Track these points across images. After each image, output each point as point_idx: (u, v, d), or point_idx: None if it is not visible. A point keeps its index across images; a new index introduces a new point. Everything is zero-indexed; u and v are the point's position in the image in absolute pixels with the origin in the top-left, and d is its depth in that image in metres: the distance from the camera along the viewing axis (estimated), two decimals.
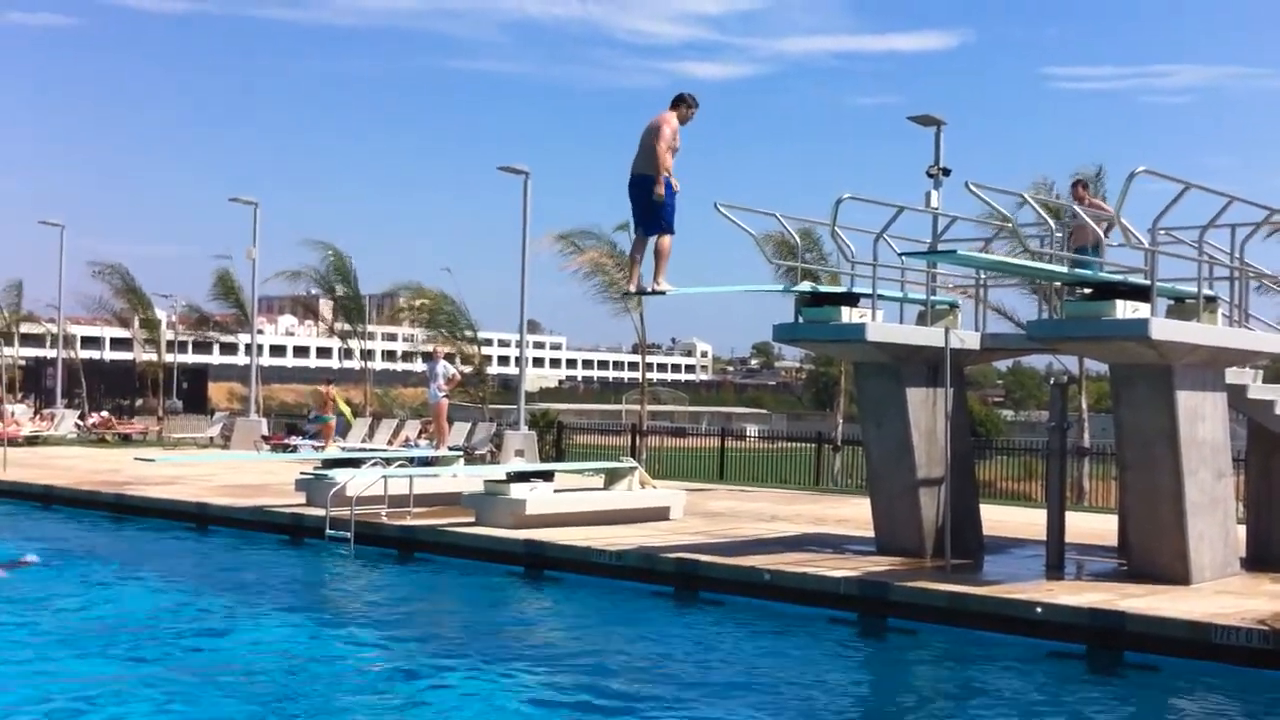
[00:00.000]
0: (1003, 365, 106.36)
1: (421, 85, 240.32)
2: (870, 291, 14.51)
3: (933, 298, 15.55)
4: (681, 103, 13.30)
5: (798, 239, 17.00)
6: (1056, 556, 14.36)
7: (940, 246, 14.81)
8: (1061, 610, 11.64)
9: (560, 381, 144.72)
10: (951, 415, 14.46)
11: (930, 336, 14.71)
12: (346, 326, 42.25)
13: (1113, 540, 15.57)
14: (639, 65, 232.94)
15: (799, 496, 23.55)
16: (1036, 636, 11.59)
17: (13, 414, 34.96)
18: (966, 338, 15.30)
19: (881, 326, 14.58)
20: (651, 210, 13.17)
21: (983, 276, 16.51)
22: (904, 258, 14.91)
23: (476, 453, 27.27)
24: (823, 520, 18.84)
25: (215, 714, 9.19)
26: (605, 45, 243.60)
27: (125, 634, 11.74)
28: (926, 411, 14.99)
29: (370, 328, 43.94)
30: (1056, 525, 14.49)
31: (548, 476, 17.94)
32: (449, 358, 28.22)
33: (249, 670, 10.56)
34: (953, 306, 15.96)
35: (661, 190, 13.00)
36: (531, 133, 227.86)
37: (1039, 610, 11.69)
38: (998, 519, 18.03)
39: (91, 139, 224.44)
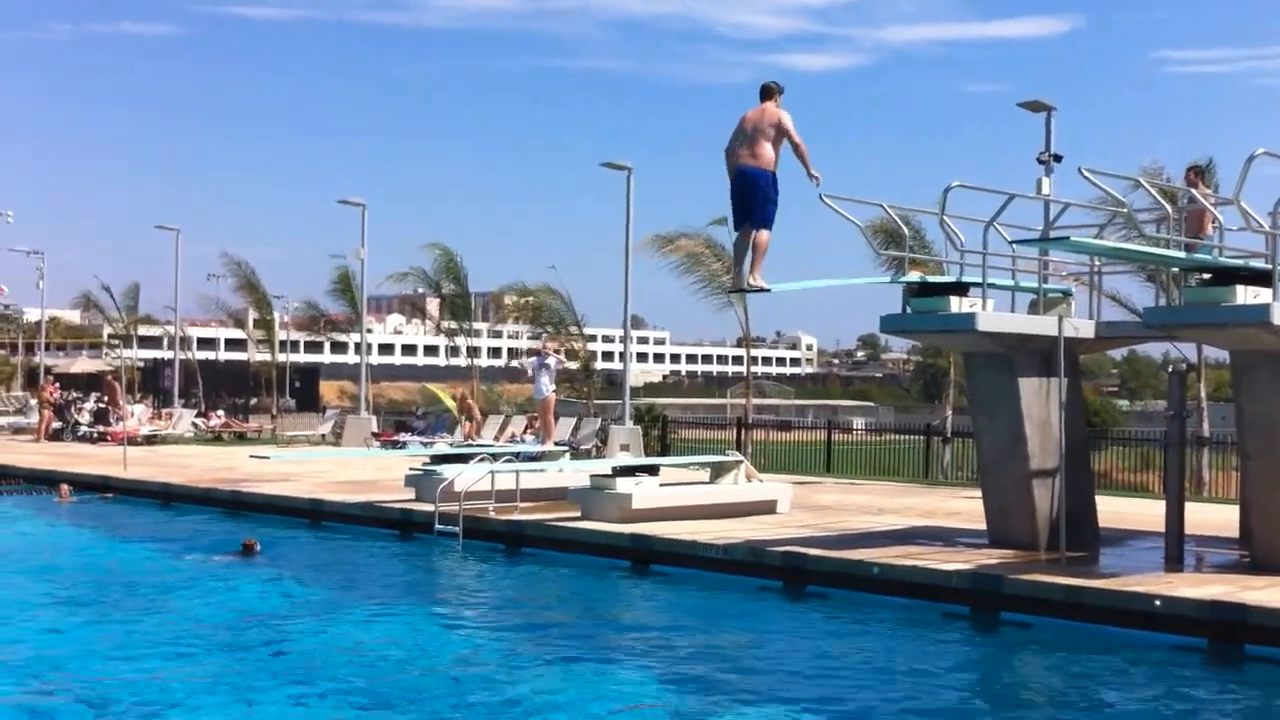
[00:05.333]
0: (1118, 354, 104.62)
1: (524, 85, 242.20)
2: (980, 280, 14.26)
3: (1045, 285, 15.24)
4: (779, 92, 13.12)
5: (905, 229, 16.78)
6: (1176, 548, 14.00)
7: (1052, 233, 14.51)
8: (1181, 603, 11.35)
9: (664, 376, 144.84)
10: (1066, 405, 14.17)
11: (1043, 325, 14.42)
12: (454, 324, 42.66)
13: (1234, 532, 15.13)
14: (741, 59, 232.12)
15: (908, 489, 23.28)
16: (1156, 630, 11.32)
17: (132, 413, 35.84)
18: (1081, 326, 14.98)
19: (992, 316, 14.33)
20: (760, 206, 12.97)
21: (1097, 264, 16.14)
22: (1015, 246, 14.64)
23: (582, 448, 27.35)
24: (933, 513, 18.60)
25: (328, 704, 9.32)
26: (706, 40, 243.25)
27: (241, 625, 11.97)
28: (1040, 402, 14.71)
29: (476, 325, 44.33)
30: (1175, 516, 14.13)
31: (653, 471, 17.92)
32: (556, 354, 28.34)
33: (362, 662, 10.70)
34: (1066, 295, 15.64)
35: (820, 178, 12.90)
36: (633, 130, 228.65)
37: (1158, 603, 11.41)
38: (1114, 511, 17.66)
39: (203, 145, 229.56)
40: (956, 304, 14.25)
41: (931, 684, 10.34)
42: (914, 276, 15.34)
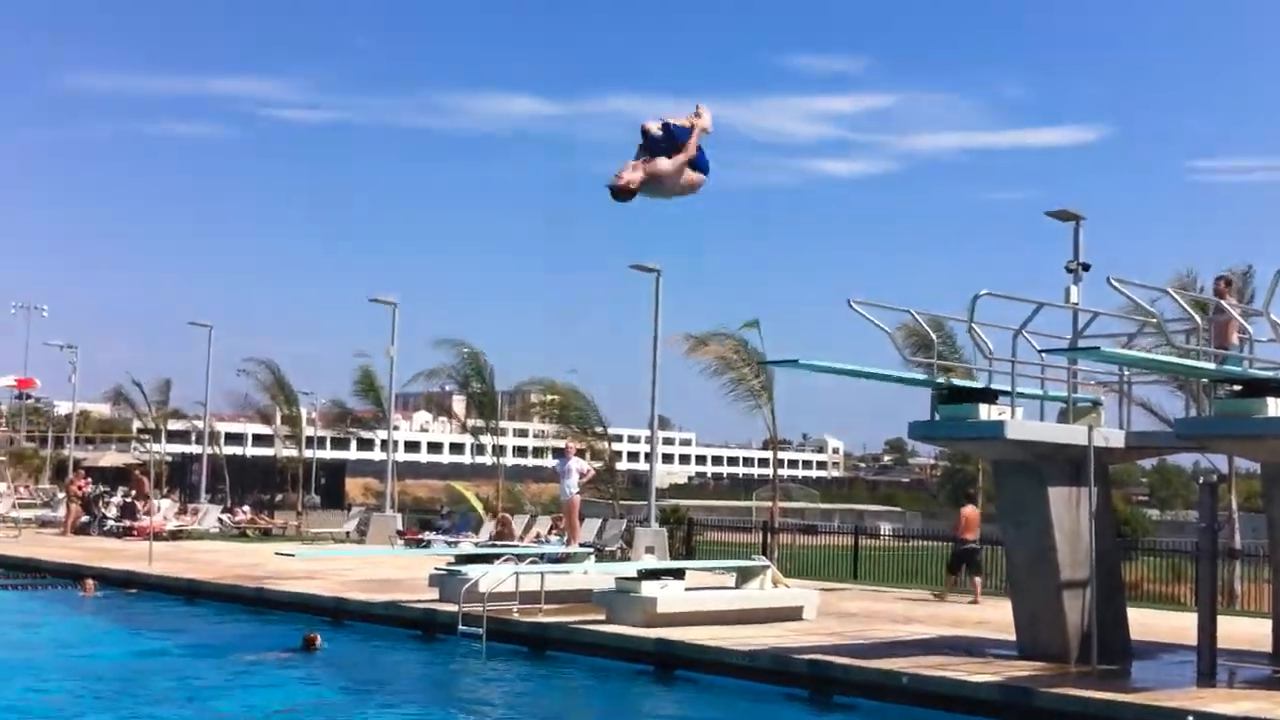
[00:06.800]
0: (1147, 463, 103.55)
1: (555, 187, 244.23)
2: (1009, 388, 14.25)
3: (1074, 394, 15.21)
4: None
5: (933, 335, 16.83)
6: (1208, 663, 13.78)
7: (1081, 343, 14.51)
8: (1215, 719, 11.16)
9: (690, 478, 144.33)
10: (1096, 515, 14.07)
11: (1073, 435, 14.37)
12: (479, 422, 42.75)
13: (1266, 646, 14.91)
14: (772, 164, 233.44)
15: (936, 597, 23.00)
16: None
17: (159, 508, 35.90)
18: (1111, 436, 14.91)
19: (1022, 424, 14.29)
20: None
21: (1126, 373, 16.12)
22: (1044, 354, 14.64)
23: (607, 549, 27.23)
24: (961, 622, 18.38)
25: None
26: (738, 145, 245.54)
27: None
28: (1069, 511, 14.61)
29: (501, 423, 44.42)
30: (1208, 630, 13.93)
31: (679, 574, 17.81)
32: (580, 454, 28.37)
33: None
34: (1095, 404, 15.59)
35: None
36: (664, 232, 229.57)
37: (1191, 719, 11.21)
38: (1145, 623, 17.41)
39: (240, 242, 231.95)
40: (985, 411, 14.22)
41: None
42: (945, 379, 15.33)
